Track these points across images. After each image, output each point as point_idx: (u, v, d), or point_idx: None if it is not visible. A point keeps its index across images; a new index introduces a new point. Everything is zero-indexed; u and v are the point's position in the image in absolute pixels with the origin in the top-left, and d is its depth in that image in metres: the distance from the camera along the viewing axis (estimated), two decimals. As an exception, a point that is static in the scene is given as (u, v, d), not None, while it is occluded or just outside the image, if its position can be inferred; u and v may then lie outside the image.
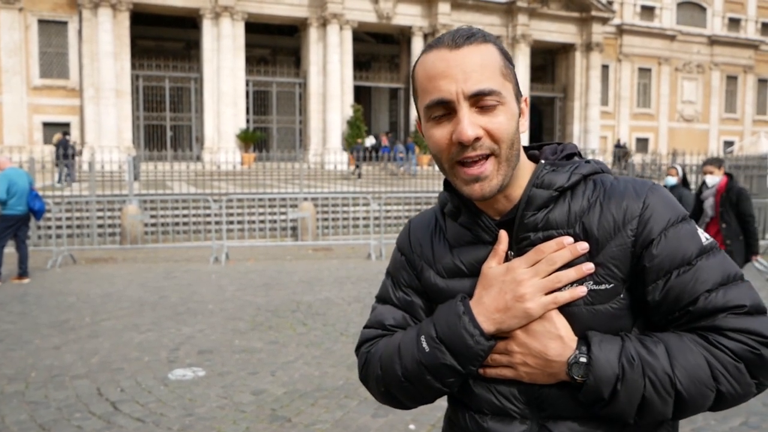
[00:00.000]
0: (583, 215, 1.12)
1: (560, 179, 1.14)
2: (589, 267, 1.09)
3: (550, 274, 1.10)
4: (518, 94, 1.15)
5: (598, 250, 1.10)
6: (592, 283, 1.10)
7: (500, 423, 1.16)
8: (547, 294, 1.10)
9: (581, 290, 1.10)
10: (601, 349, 1.05)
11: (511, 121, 1.11)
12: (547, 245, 1.12)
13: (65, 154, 18.35)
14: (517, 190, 1.16)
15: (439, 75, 1.09)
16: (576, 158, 1.22)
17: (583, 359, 1.06)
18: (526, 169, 1.18)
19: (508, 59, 1.14)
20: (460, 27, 1.15)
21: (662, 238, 1.09)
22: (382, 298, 1.34)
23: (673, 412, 1.06)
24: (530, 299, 1.10)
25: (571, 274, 1.10)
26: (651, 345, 1.06)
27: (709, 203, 6.72)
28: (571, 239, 1.11)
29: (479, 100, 1.08)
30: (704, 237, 1.12)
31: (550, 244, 1.12)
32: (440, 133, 1.11)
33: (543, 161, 1.20)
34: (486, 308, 1.13)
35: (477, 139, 1.08)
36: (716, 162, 6.86)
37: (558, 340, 1.09)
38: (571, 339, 1.09)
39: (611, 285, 1.10)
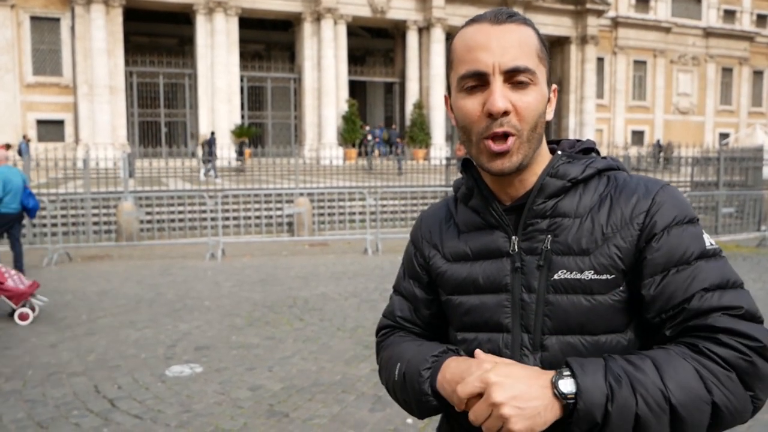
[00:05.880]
0: (593, 208, 1.14)
1: (574, 171, 1.16)
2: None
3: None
4: (550, 81, 1.17)
5: (604, 240, 1.11)
6: (593, 272, 1.10)
7: None
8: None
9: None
10: (584, 371, 1.00)
11: (539, 103, 1.12)
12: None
13: (210, 151, 21.12)
14: (532, 177, 1.18)
15: (478, 47, 1.11)
16: (593, 153, 1.24)
17: (566, 372, 1.01)
18: (544, 158, 1.19)
19: (545, 46, 1.16)
20: (501, 7, 1.16)
21: (665, 235, 1.09)
22: (395, 288, 1.41)
23: None
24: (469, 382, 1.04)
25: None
26: (637, 361, 1.02)
27: None
28: None
29: (513, 76, 1.10)
30: (709, 242, 1.11)
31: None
32: (471, 104, 1.12)
33: (560, 152, 1.21)
34: (448, 371, 1.12)
35: (506, 113, 1.09)
36: None
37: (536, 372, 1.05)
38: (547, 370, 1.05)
39: (612, 276, 1.10)
